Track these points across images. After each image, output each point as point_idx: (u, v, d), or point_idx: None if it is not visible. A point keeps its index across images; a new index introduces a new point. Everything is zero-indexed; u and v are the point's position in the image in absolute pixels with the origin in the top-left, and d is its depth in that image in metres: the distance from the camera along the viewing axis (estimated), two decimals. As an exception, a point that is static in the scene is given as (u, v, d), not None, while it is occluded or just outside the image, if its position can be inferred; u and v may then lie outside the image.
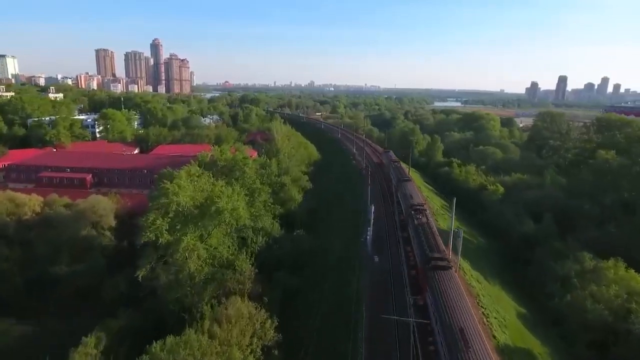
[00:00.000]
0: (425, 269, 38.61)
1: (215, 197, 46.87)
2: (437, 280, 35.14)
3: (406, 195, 62.92)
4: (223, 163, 59.52)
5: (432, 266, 37.50)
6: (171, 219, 45.11)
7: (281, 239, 61.50)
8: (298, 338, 39.64)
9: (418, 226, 48.94)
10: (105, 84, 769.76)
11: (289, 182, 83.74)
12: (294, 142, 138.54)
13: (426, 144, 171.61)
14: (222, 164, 59.43)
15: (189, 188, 47.17)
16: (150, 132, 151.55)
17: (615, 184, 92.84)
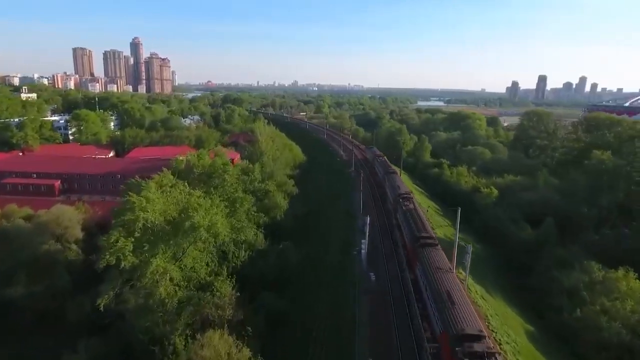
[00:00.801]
0: (414, 246, 43.85)
1: (191, 210, 41.21)
2: (426, 254, 40.28)
3: (393, 186, 70.90)
4: (200, 170, 53.73)
5: (420, 244, 42.86)
6: (137, 238, 39.31)
7: (266, 252, 56.11)
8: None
9: (406, 211, 54.94)
10: (82, 83, 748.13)
11: (273, 188, 78.33)
12: (278, 143, 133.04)
13: (413, 144, 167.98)
14: (200, 171, 53.65)
15: (159, 201, 41.38)
16: (127, 133, 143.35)
17: (611, 185, 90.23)
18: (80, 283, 56.72)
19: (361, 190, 64.40)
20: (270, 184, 79.05)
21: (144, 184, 42.46)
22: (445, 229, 74.93)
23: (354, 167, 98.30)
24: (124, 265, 37.44)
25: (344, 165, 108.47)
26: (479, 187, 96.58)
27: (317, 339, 36.95)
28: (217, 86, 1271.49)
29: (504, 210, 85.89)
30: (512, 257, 74.42)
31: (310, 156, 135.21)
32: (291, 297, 47.29)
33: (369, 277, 43.60)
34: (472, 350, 25.27)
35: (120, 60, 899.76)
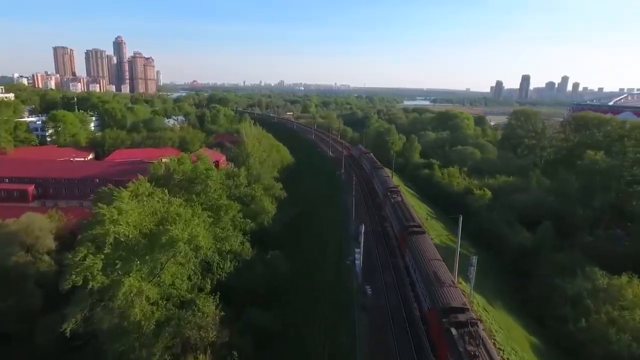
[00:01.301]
0: (403, 235, 47.65)
1: (169, 222, 37.42)
2: (414, 241, 44.10)
3: (382, 181, 76.15)
4: (181, 176, 49.77)
5: (409, 232, 46.56)
6: (108, 254, 35.44)
7: (253, 262, 52.53)
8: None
9: (394, 203, 59.04)
10: (64, 83, 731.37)
11: (260, 192, 74.64)
12: (265, 144, 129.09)
13: (402, 144, 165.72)
14: (180, 177, 49.71)
15: (133, 212, 37.46)
16: (107, 135, 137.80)
17: (604, 186, 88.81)
18: (53, 297, 52.29)
19: (353, 195, 61.07)
20: (256, 188, 75.33)
21: (116, 193, 38.53)
22: (440, 232, 72.24)
23: (344, 168, 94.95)
24: (92, 285, 33.58)
25: (333, 167, 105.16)
26: (472, 188, 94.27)
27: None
28: (202, 86, 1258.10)
29: (498, 213, 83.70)
30: (509, 262, 72.24)
31: (299, 157, 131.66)
32: (281, 313, 43.86)
33: (364, 291, 40.43)
34: (457, 320, 28.76)
35: (102, 59, 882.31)
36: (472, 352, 25.79)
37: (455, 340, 27.14)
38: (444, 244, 64.71)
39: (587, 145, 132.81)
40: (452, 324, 28.46)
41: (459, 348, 26.50)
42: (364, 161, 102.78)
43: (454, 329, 27.99)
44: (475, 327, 28.25)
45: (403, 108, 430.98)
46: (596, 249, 71.19)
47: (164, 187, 46.72)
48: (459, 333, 27.70)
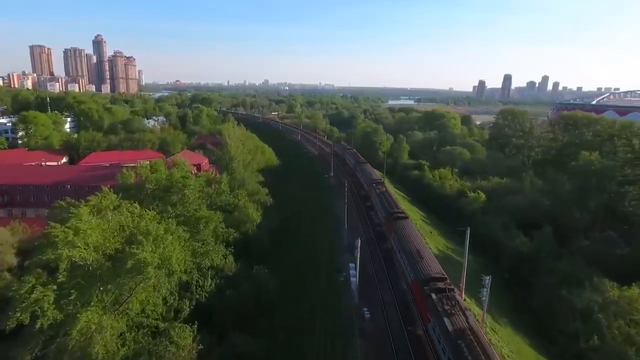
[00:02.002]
0: (389, 220, 53.00)
1: (137, 242, 32.44)
2: (398, 225, 49.34)
3: (365, 174, 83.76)
4: (154, 185, 44.66)
5: (394, 217, 52.14)
6: (62, 283, 30.42)
7: (237, 278, 47.81)
8: None
9: (379, 194, 65.38)
10: (41, 83, 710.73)
11: (244, 198, 69.91)
12: (249, 145, 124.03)
13: (390, 145, 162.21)
14: (153, 187, 44.60)
15: (94, 231, 32.34)
16: (82, 137, 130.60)
17: (599, 187, 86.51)
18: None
19: (345, 202, 56.79)
20: (240, 194, 70.53)
21: (73, 210, 33.35)
22: (436, 239, 68.50)
23: (332, 170, 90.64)
24: (42, 324, 28.46)
25: (321, 169, 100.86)
26: (465, 191, 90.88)
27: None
28: (186, 86, 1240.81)
29: (494, 216, 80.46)
30: (506, 268, 69.00)
31: (285, 159, 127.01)
32: (268, 337, 39.24)
33: (362, 314, 36.21)
34: (436, 287, 33.67)
35: (81, 58, 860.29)
36: (448, 311, 30.84)
37: (435, 303, 32.13)
38: (442, 252, 61.00)
39: (577, 145, 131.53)
40: (432, 290, 33.60)
41: (437, 308, 31.52)
42: (348, 157, 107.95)
43: (434, 294, 33.02)
44: (452, 292, 33.29)
45: (388, 107, 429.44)
46: (595, 253, 68.59)
47: (135, 199, 41.80)
48: (438, 297, 32.59)
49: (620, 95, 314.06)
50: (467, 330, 28.62)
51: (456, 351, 27.22)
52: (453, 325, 29.20)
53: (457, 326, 29.07)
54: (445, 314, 30.36)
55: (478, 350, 26.49)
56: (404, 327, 35.83)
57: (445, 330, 29.24)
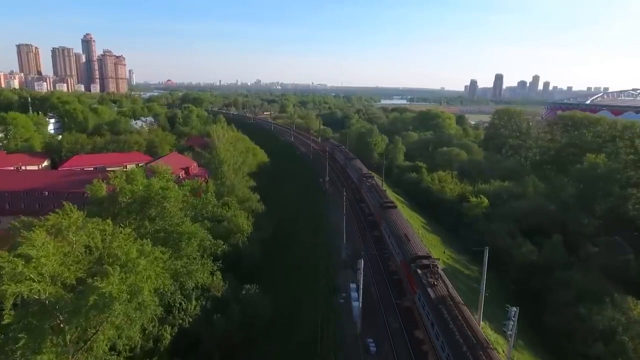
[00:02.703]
0: (379, 210, 57.68)
1: (99, 274, 27.30)
2: (388, 214, 54.31)
3: (356, 169, 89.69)
4: (128, 198, 39.60)
5: (384, 207, 57.15)
6: (7, 325, 25.58)
7: (225, 300, 43.17)
8: None
9: (370, 186, 71.71)
10: (28, 82, 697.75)
11: (234, 206, 65.22)
12: (240, 148, 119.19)
13: (385, 146, 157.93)
14: (128, 200, 39.58)
15: (50, 259, 27.29)
16: (65, 139, 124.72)
17: (606, 191, 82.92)
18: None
19: (344, 213, 52.27)
20: (231, 202, 65.82)
21: (25, 233, 28.27)
22: (440, 249, 64.11)
23: (327, 176, 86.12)
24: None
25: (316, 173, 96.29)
26: (467, 195, 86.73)
27: None
28: (177, 85, 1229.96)
29: (498, 223, 76.50)
30: (514, 280, 65.03)
31: (278, 162, 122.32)
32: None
33: (367, 347, 31.79)
34: (422, 264, 37.80)
35: (70, 57, 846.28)
36: (432, 282, 35.16)
37: (420, 277, 36.38)
38: (449, 266, 56.67)
39: (576, 146, 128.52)
40: (418, 266, 37.93)
41: (422, 281, 35.59)
42: (338, 153, 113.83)
43: (419, 270, 37.36)
44: (435, 268, 37.49)
45: (381, 107, 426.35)
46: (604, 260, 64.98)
47: (108, 213, 37.03)
48: (423, 272, 36.94)
49: (613, 95, 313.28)
50: (447, 297, 33.39)
51: (437, 314, 31.63)
52: (435, 293, 33.97)
53: (439, 294, 33.79)
54: (429, 285, 35.18)
55: (456, 312, 31.05)
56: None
57: (428, 298, 33.90)
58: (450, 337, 28.95)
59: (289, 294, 46.97)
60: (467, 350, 27.04)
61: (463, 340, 28.05)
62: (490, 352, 26.73)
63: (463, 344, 27.79)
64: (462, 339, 28.19)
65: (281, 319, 41.79)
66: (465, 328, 29.16)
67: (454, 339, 28.51)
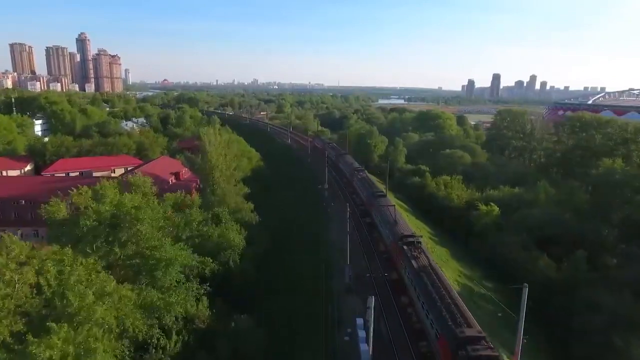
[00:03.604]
0: (370, 199, 65.72)
1: (42, 331, 21.39)
2: (378, 202, 61.49)
3: (347, 164, 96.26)
4: (93, 221, 33.21)
5: (375, 196, 65.06)
6: None
7: (212, 334, 37.37)
8: None
9: (362, 179, 79.12)
10: (21, 82, 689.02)
11: (225, 217, 59.45)
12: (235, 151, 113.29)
13: (385, 148, 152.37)
14: (93, 223, 33.20)
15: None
16: (49, 142, 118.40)
17: (623, 198, 77.62)
18: None
19: (347, 232, 46.48)
20: (221, 212, 60.04)
21: None
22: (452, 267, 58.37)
23: (327, 183, 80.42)
24: None
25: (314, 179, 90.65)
26: (476, 203, 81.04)
27: None
28: (174, 85, 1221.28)
29: (510, 234, 70.92)
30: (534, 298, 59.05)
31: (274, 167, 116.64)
32: None
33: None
34: (407, 241, 44.62)
35: (64, 57, 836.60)
36: (415, 255, 40.93)
37: (406, 252, 41.99)
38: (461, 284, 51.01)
39: (584, 148, 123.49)
40: (404, 243, 43.67)
41: (407, 255, 41.29)
42: (329, 150, 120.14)
43: (405, 246, 43.03)
44: (419, 244, 43.43)
45: (379, 107, 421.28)
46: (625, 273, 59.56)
47: (69, 239, 31.26)
48: (408, 248, 42.63)
49: (615, 95, 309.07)
50: (428, 266, 38.88)
51: (418, 279, 37.06)
52: (417, 264, 39.42)
53: (420, 264, 39.30)
54: (413, 258, 40.78)
55: (434, 277, 36.44)
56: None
57: (412, 268, 39.28)
58: (428, 296, 34.49)
59: (285, 324, 41.16)
60: (442, 305, 32.60)
61: (439, 298, 33.60)
62: (460, 307, 32.62)
63: (438, 300, 33.39)
64: (438, 297, 33.70)
65: (276, 356, 36.02)
66: (441, 289, 34.76)
67: (431, 297, 34.19)
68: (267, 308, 44.57)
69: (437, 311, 31.74)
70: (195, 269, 46.92)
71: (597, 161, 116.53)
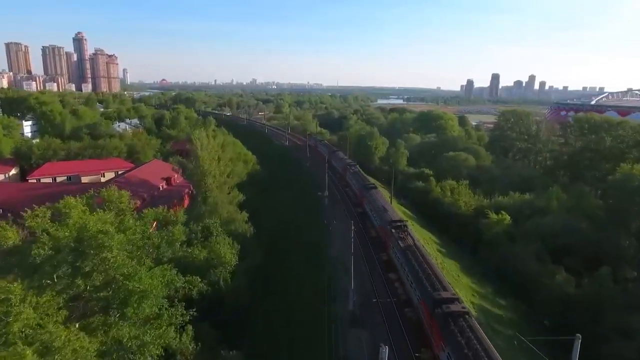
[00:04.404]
0: (362, 190, 73.13)
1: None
2: (369, 193, 68.65)
3: (338, 160, 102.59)
4: (48, 250, 27.18)
5: (367, 188, 72.21)
6: None
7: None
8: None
9: (353, 173, 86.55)
10: (17, 82, 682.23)
11: (217, 230, 54.58)
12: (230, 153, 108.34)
13: (386, 149, 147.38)
14: (48, 252, 27.19)
15: None
16: (36, 144, 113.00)
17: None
18: None
19: (351, 252, 41.39)
20: (212, 224, 55.16)
21: None
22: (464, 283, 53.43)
23: (327, 189, 75.42)
24: None
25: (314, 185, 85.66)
26: (487, 211, 76.03)
27: None
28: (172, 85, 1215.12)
29: (524, 245, 65.95)
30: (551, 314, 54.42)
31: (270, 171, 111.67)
32: None
33: None
34: (395, 225, 50.32)
35: (61, 56, 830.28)
36: (402, 237, 47.40)
37: (394, 234, 48.75)
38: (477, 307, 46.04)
39: (594, 151, 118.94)
40: (392, 227, 50.27)
41: (395, 237, 48.06)
42: (321, 147, 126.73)
43: (393, 229, 49.69)
44: (405, 227, 50.47)
45: (379, 107, 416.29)
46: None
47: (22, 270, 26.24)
48: (396, 231, 49.23)
49: (618, 96, 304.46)
50: (413, 246, 44.74)
51: (405, 255, 42.92)
52: (404, 244, 45.24)
53: (406, 244, 45.10)
54: (400, 239, 46.53)
55: (417, 254, 42.27)
56: None
57: (399, 247, 45.23)
58: (412, 269, 39.66)
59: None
60: (423, 276, 37.40)
61: (421, 270, 38.51)
62: (438, 276, 37.53)
63: (420, 272, 38.25)
64: (420, 270, 38.65)
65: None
66: (423, 264, 39.70)
67: (414, 270, 39.25)
68: (262, 335, 39.54)
69: (419, 281, 37.85)
70: (181, 290, 42.08)
71: (607, 164, 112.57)
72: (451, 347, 28.26)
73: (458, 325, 29.46)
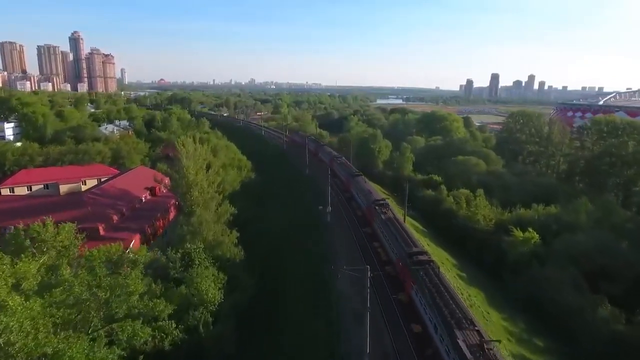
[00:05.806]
0: (349, 178, 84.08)
1: None
2: (356, 180, 79.81)
3: (326, 153, 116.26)
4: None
5: (353, 176, 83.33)
6: None
7: None
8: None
9: (340, 163, 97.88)
10: (11, 81, 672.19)
11: (199, 257, 45.75)
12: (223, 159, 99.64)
13: (389, 153, 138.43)
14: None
15: None
16: (10, 149, 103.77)
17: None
18: None
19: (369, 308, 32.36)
20: (195, 251, 46.34)
21: None
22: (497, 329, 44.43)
23: (329, 204, 66.42)
24: None
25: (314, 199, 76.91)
26: (511, 228, 66.88)
27: None
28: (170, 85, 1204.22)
29: (557, 269, 57.04)
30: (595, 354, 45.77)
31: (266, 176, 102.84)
32: None
33: None
34: (378, 204, 61.13)
35: (56, 56, 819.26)
36: (384, 212, 57.74)
37: (377, 211, 58.85)
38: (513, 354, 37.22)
39: (615, 155, 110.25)
40: (376, 205, 60.63)
41: (378, 212, 58.30)
42: (310, 143, 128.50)
43: (377, 207, 60.01)
44: (386, 205, 61.01)
45: (378, 107, 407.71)
46: None
47: None
48: (379, 208, 59.30)
49: (626, 96, 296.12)
50: (392, 218, 56.25)
51: (385, 225, 54.38)
52: (385, 216, 56.59)
53: (387, 216, 56.44)
54: (382, 213, 57.81)
55: (396, 224, 53.48)
56: None
57: (381, 220, 56.57)
58: (391, 235, 50.97)
59: None
60: (400, 239, 48.57)
61: (398, 235, 49.77)
62: (411, 237, 50.04)
63: (398, 237, 49.33)
64: (397, 235, 49.87)
65: None
66: (400, 230, 51.39)
67: (393, 235, 50.55)
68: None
69: (396, 242, 48.08)
70: (149, 343, 33.44)
71: (630, 171, 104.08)
72: (418, 285, 38.57)
73: (424, 269, 39.65)
